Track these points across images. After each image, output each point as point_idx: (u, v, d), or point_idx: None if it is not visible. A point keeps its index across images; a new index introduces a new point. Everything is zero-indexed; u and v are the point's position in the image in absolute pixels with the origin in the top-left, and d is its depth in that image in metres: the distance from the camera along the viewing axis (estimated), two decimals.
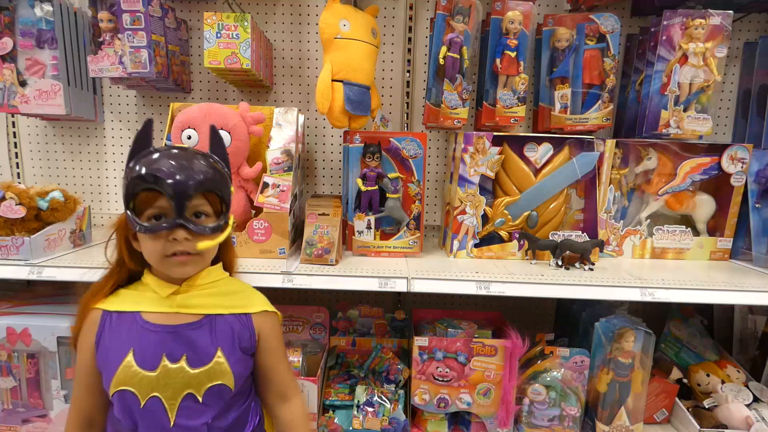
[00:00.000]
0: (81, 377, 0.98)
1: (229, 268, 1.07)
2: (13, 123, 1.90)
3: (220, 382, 0.93)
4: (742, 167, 1.63)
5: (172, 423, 0.91)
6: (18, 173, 1.92)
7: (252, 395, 1.06)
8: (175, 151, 0.92)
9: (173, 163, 0.88)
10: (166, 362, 0.91)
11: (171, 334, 0.93)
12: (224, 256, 1.06)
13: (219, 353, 0.94)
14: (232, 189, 1.01)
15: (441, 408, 1.47)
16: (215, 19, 1.49)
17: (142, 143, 0.93)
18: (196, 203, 0.91)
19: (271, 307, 1.05)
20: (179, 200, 0.87)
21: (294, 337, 1.72)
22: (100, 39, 1.60)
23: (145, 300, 0.96)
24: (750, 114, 1.79)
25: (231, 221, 0.99)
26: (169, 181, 0.86)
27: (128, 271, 0.99)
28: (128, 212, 0.89)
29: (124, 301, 0.97)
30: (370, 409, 1.47)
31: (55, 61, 1.63)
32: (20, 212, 1.34)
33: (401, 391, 1.53)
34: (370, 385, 1.54)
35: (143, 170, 0.87)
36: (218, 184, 0.94)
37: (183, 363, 0.92)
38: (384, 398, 1.49)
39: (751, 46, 1.80)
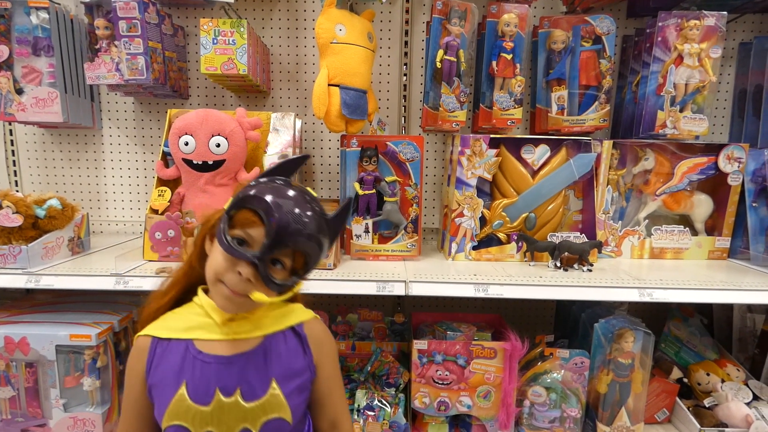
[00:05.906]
0: (131, 404, 0.92)
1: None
2: (11, 131, 1.90)
3: (276, 416, 0.87)
4: (738, 167, 1.63)
5: None
6: (16, 181, 1.92)
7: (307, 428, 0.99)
8: (307, 197, 0.86)
9: (297, 211, 0.82)
10: (219, 396, 0.85)
11: (224, 365, 0.87)
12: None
13: (274, 384, 0.88)
14: (323, 260, 0.93)
15: (441, 411, 1.46)
16: (211, 26, 1.50)
17: (285, 170, 0.89)
18: (283, 253, 0.84)
19: (313, 314, 1.00)
20: (272, 244, 0.81)
21: None
22: (97, 46, 1.60)
23: (197, 326, 0.90)
24: (746, 114, 1.80)
25: (300, 286, 0.92)
26: (280, 223, 0.80)
27: (189, 278, 0.93)
28: (225, 215, 0.84)
29: (173, 327, 0.91)
30: (371, 413, 1.47)
31: (51, 69, 1.63)
32: (17, 221, 1.33)
33: (401, 395, 1.53)
34: (370, 389, 1.53)
35: (269, 196, 0.82)
36: (314, 251, 0.87)
37: (237, 397, 0.86)
38: (384, 402, 1.49)
39: (745, 47, 1.81)
